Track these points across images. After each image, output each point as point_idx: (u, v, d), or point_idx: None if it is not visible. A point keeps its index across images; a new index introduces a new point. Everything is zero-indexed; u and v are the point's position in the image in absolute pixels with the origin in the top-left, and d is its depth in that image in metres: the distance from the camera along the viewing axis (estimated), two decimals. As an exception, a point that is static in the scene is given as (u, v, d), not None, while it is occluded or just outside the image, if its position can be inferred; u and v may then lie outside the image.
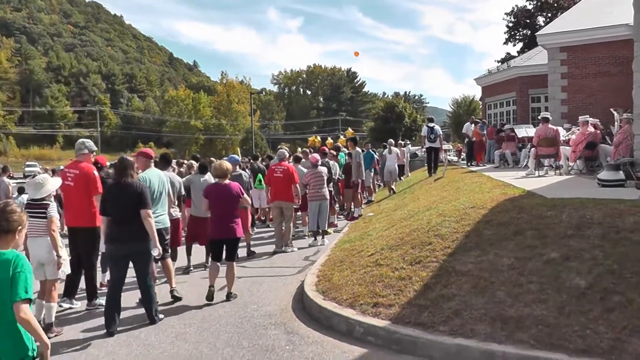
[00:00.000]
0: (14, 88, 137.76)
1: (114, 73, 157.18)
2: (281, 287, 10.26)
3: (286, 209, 14.18)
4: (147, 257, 8.43)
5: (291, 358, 6.63)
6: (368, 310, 7.51)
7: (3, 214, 4.14)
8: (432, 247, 9.05)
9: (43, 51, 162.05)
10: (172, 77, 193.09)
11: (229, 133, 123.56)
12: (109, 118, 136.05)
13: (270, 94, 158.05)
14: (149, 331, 8.10)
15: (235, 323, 8.19)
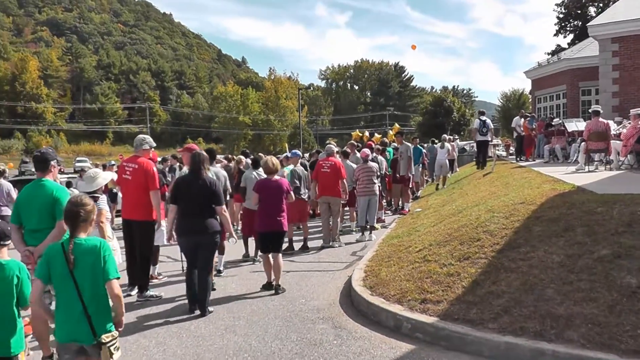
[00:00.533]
0: (65, 86, 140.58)
1: (164, 70, 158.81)
2: (329, 282, 10.30)
3: (333, 204, 14.19)
4: (212, 250, 8.94)
5: (339, 353, 6.64)
6: (416, 306, 7.48)
7: (80, 206, 4.76)
8: (480, 243, 8.98)
9: (93, 50, 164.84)
10: (220, 73, 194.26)
11: (277, 128, 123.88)
12: (159, 114, 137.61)
13: (318, 89, 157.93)
14: (199, 323, 8.22)
15: (284, 317, 8.25)
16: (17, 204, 7.02)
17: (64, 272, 4.58)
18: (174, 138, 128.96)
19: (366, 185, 14.65)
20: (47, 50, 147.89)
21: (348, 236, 15.24)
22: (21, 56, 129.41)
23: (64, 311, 4.64)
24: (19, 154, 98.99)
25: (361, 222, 14.88)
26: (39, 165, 7.00)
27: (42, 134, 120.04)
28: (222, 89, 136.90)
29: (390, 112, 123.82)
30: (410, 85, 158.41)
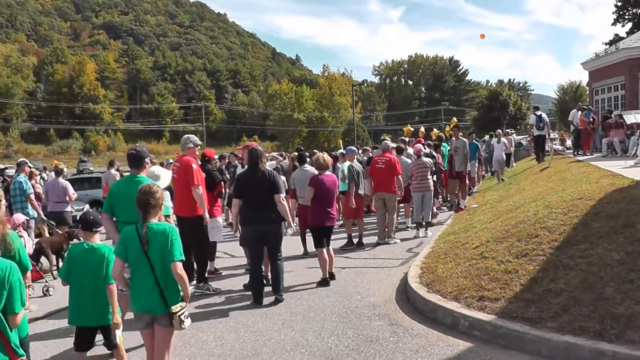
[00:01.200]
0: (122, 87, 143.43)
1: (219, 69, 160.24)
2: (385, 279, 10.29)
3: (389, 200, 14.09)
4: (277, 238, 9.42)
5: (396, 350, 6.62)
6: (473, 303, 7.41)
7: (150, 194, 5.40)
8: (538, 239, 8.85)
9: (149, 51, 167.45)
10: (275, 71, 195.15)
11: (332, 125, 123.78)
12: (214, 113, 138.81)
13: (372, 85, 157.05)
14: (256, 318, 8.32)
15: (340, 313, 8.27)
16: (110, 197, 7.49)
17: (139, 252, 5.25)
18: (230, 136, 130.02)
19: (420, 181, 14.60)
20: (104, 53, 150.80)
21: (403, 232, 15.18)
22: (79, 59, 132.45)
23: (139, 285, 5.31)
24: (77, 153, 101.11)
25: (417, 218, 14.82)
26: (134, 163, 7.48)
27: (100, 134, 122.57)
28: (276, 87, 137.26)
29: (445, 107, 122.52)
30: (466, 79, 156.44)
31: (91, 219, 6.16)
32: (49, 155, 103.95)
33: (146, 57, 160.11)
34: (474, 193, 21.90)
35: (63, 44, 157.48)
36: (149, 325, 5.34)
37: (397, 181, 14.02)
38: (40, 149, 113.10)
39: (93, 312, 5.97)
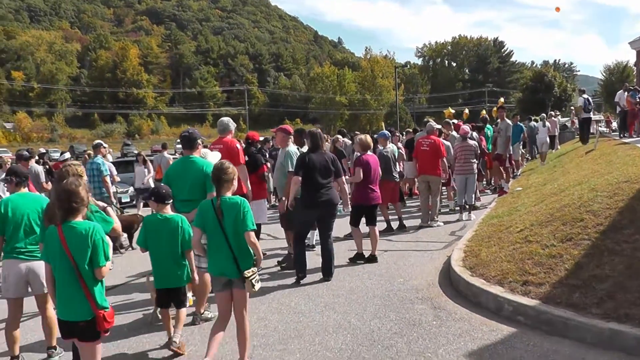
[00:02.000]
0: (165, 72, 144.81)
1: (261, 53, 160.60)
2: (427, 262, 10.26)
3: (433, 183, 13.99)
4: (333, 218, 9.76)
5: (439, 333, 6.60)
6: (517, 288, 7.32)
7: (222, 170, 5.96)
8: (583, 223, 8.71)
9: (192, 36, 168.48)
10: (317, 54, 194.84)
11: (374, 108, 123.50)
12: (257, 96, 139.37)
13: (415, 67, 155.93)
14: (299, 300, 8.39)
15: (382, 296, 8.27)
16: (167, 177, 7.85)
17: (214, 222, 5.83)
18: (272, 119, 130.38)
19: (464, 164, 14.45)
20: (147, 39, 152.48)
21: (446, 215, 15.08)
22: (122, 45, 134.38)
23: (215, 252, 5.93)
24: (120, 137, 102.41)
25: (460, 202, 14.70)
26: (188, 144, 7.86)
27: (143, 118, 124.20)
28: (318, 70, 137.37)
29: (489, 88, 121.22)
30: (510, 60, 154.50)
31: (163, 192, 6.82)
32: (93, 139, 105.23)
33: (189, 41, 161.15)
34: (518, 176, 21.67)
35: (106, 30, 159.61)
36: (226, 287, 5.94)
37: (441, 164, 13.93)
38: (84, 133, 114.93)
39: (169, 276, 6.69)
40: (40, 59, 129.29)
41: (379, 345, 6.35)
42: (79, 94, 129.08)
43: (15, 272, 6.45)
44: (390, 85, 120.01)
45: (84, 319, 4.76)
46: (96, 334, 4.85)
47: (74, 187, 4.87)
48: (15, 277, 6.46)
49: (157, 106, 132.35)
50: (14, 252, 6.47)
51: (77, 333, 4.85)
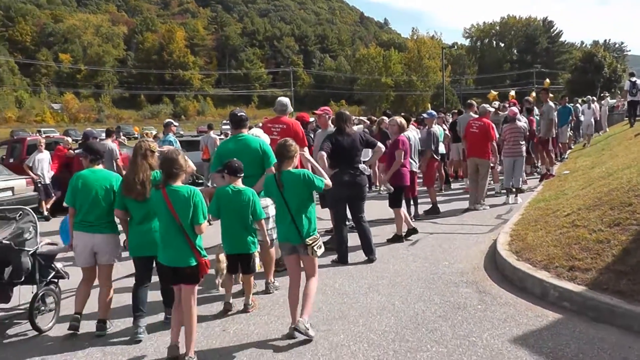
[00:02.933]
0: (211, 54, 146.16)
1: (307, 35, 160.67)
2: (473, 245, 10.18)
3: (481, 166, 13.83)
4: (364, 198, 9.87)
5: (483, 318, 6.55)
6: (563, 273, 7.21)
7: (285, 147, 6.49)
8: (632, 208, 8.52)
9: (238, 18, 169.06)
10: (363, 35, 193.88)
11: (420, 89, 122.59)
12: (302, 78, 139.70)
13: (462, 48, 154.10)
14: (343, 281, 8.42)
15: (427, 279, 8.25)
16: (219, 155, 8.20)
17: (277, 194, 6.45)
18: (317, 100, 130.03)
19: (512, 146, 14.22)
20: (193, 21, 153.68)
21: (492, 199, 14.93)
22: (168, 27, 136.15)
23: (280, 221, 6.60)
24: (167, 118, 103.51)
25: (506, 184, 14.53)
26: (238, 123, 8.39)
27: (190, 99, 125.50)
28: (364, 51, 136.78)
29: (537, 69, 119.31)
30: (559, 40, 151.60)
31: (235, 166, 7.21)
32: (139, 120, 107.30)
33: (235, 23, 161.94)
34: (566, 159, 21.34)
35: (153, 13, 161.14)
36: (292, 252, 6.51)
37: (491, 147, 13.77)
38: (131, 114, 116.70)
39: (239, 243, 7.23)
40: (87, 42, 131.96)
41: (423, 328, 6.34)
42: (125, 75, 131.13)
43: (82, 243, 6.87)
44: (437, 66, 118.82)
45: (190, 265, 5.81)
46: (197, 278, 5.94)
47: (174, 156, 5.92)
48: (82, 248, 6.89)
49: (203, 87, 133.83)
50: (82, 224, 6.87)
51: (183, 278, 5.89)
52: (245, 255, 7.30)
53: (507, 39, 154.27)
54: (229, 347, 6.23)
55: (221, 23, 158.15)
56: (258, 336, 6.48)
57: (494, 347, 5.71)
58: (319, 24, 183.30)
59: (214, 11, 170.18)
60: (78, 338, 6.72)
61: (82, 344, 6.51)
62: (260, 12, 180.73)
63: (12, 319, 7.56)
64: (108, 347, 6.40)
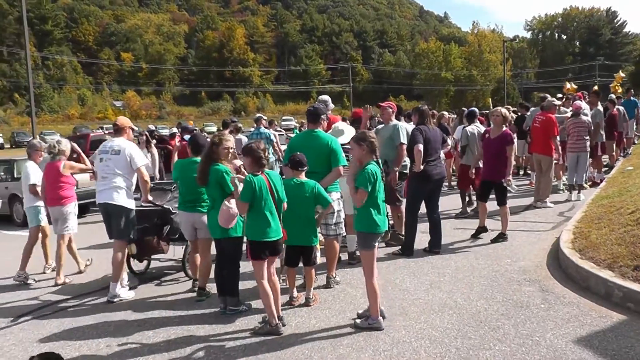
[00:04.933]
0: (271, 50, 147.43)
1: (366, 30, 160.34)
2: (535, 243, 10.08)
3: (543, 162, 13.65)
4: (440, 192, 10.23)
5: (546, 317, 6.49)
6: (628, 273, 7.05)
7: (359, 137, 6.55)
8: (700, 205, 8.37)
9: (297, 14, 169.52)
10: (422, 30, 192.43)
11: (480, 84, 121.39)
12: (361, 73, 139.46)
13: (523, 41, 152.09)
14: (404, 277, 8.44)
15: (489, 276, 8.21)
16: (290, 149, 8.15)
17: (380, 183, 6.57)
18: (376, 96, 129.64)
19: (577, 141, 13.96)
20: (253, 18, 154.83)
21: (555, 196, 14.67)
22: (228, 25, 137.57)
23: (383, 209, 6.66)
24: (227, 114, 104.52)
25: (570, 181, 14.28)
26: (312, 118, 8.26)
27: (249, 96, 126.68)
28: (424, 46, 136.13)
29: (600, 62, 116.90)
30: (623, 31, 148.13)
31: (297, 159, 7.32)
32: (200, 117, 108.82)
33: (294, 20, 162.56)
34: (630, 154, 20.88)
35: (213, 11, 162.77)
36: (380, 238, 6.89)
37: (553, 142, 13.46)
38: (191, 110, 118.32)
39: (301, 235, 7.31)
40: (148, 41, 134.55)
41: (486, 326, 6.32)
42: (186, 73, 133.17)
43: (184, 220, 8.19)
44: (498, 60, 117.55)
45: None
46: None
47: (255, 146, 6.52)
48: (184, 224, 8.23)
49: (263, 84, 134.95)
50: (182, 204, 8.11)
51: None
52: (307, 248, 7.38)
53: (569, 31, 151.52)
54: (291, 339, 6.32)
55: (280, 20, 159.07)
56: (319, 330, 6.55)
57: (558, 348, 5.66)
58: (378, 19, 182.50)
59: (273, 8, 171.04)
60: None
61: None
62: (319, 8, 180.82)
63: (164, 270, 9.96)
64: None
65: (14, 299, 8.74)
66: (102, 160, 8.60)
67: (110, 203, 8.42)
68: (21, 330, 7.19)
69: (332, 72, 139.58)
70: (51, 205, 9.83)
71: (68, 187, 9.90)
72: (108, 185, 8.45)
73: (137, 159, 8.57)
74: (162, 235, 9.13)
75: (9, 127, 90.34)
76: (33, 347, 6.59)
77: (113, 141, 8.72)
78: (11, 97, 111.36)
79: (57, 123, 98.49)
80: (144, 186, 8.66)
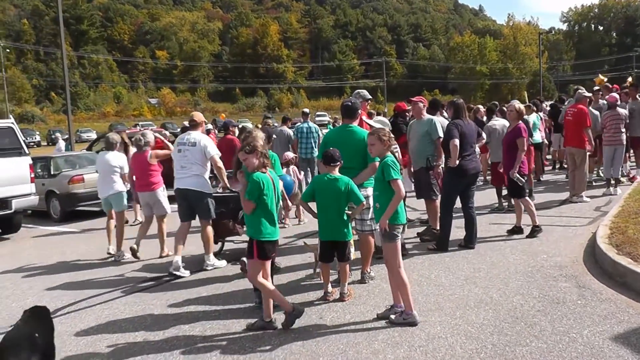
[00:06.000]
0: (304, 46, 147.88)
1: (399, 24, 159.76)
2: (571, 238, 9.98)
3: (576, 155, 13.41)
4: (475, 188, 10.06)
5: (583, 314, 6.42)
6: (666, 269, 6.99)
7: (378, 134, 6.60)
8: None
9: (330, 10, 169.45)
10: (457, 23, 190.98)
11: (515, 77, 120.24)
12: (395, 68, 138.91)
13: (559, 32, 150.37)
14: (439, 272, 8.42)
15: (525, 271, 8.14)
16: (325, 144, 8.20)
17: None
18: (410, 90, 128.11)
19: (613, 134, 13.78)
20: (286, 15, 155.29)
21: (592, 190, 14.49)
22: (262, 22, 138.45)
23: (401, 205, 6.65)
24: (261, 110, 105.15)
25: (606, 175, 14.13)
26: (348, 113, 8.17)
27: (283, 92, 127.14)
28: (458, 40, 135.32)
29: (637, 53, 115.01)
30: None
31: (330, 155, 7.30)
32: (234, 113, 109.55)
33: (327, 16, 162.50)
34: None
35: (247, 8, 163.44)
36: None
37: (586, 134, 13.20)
38: (226, 106, 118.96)
39: (334, 230, 7.31)
40: (183, 39, 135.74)
41: (522, 322, 6.28)
42: (220, 69, 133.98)
43: None
44: (534, 52, 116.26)
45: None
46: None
47: (259, 144, 6.47)
48: None
49: (297, 80, 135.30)
50: None
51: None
52: (340, 243, 7.36)
53: (606, 22, 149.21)
54: (326, 334, 6.34)
55: (314, 16, 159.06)
56: (354, 325, 6.56)
57: (595, 345, 5.60)
58: (412, 12, 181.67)
59: (307, 4, 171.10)
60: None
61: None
62: (352, 3, 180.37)
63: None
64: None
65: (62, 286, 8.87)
66: (181, 151, 9.66)
67: (191, 189, 9.50)
68: (59, 324, 7.26)
69: (365, 67, 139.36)
70: (142, 191, 10.90)
71: (155, 174, 10.85)
72: (188, 173, 9.54)
73: (210, 149, 9.62)
74: (237, 219, 9.83)
75: (45, 125, 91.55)
76: (71, 340, 6.70)
77: (190, 134, 9.81)
78: (47, 95, 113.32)
79: (92, 121, 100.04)
80: (219, 172, 9.71)
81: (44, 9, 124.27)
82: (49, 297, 8.71)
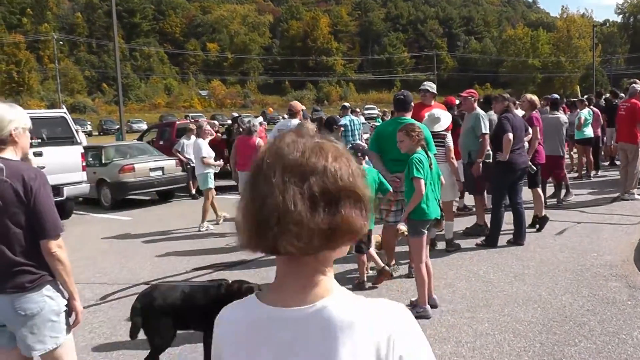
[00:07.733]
0: (354, 39, 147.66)
1: (451, 17, 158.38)
2: (622, 237, 9.85)
3: (628, 151, 13.16)
4: (521, 183, 10.05)
5: (633, 315, 6.35)
6: None
7: (408, 129, 6.72)
8: None
9: (381, 3, 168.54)
10: (510, 16, 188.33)
11: (568, 70, 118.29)
12: (446, 61, 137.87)
13: (614, 25, 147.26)
14: (487, 268, 8.39)
15: (574, 270, 8.07)
16: (377, 136, 8.38)
17: (428, 173, 6.66)
18: (461, 84, 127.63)
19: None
20: (337, 8, 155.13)
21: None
22: (313, 15, 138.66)
23: (431, 197, 6.75)
24: (310, 103, 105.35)
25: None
26: (401, 106, 8.25)
27: (332, 85, 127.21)
28: (511, 32, 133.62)
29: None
30: None
31: (360, 148, 7.53)
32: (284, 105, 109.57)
33: (378, 9, 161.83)
34: None
35: (298, 1, 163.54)
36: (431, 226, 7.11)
37: (638, 129, 12.88)
38: (275, 99, 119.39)
39: None
40: (234, 31, 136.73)
41: (571, 321, 6.24)
42: (270, 62, 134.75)
43: None
44: (587, 46, 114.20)
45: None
46: None
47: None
48: None
49: (346, 73, 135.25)
50: None
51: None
52: None
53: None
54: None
55: (365, 8, 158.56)
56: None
57: (645, 347, 5.54)
58: (465, 5, 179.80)
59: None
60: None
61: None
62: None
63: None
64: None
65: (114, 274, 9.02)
66: None
67: None
68: (110, 308, 7.46)
69: (416, 60, 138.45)
70: (243, 170, 11.64)
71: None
72: None
73: None
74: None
75: (97, 116, 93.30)
76: (121, 325, 6.81)
77: (290, 121, 10.69)
78: (99, 86, 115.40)
79: (143, 112, 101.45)
80: None
81: (97, 2, 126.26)
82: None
